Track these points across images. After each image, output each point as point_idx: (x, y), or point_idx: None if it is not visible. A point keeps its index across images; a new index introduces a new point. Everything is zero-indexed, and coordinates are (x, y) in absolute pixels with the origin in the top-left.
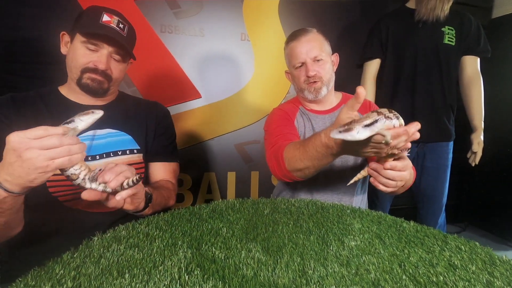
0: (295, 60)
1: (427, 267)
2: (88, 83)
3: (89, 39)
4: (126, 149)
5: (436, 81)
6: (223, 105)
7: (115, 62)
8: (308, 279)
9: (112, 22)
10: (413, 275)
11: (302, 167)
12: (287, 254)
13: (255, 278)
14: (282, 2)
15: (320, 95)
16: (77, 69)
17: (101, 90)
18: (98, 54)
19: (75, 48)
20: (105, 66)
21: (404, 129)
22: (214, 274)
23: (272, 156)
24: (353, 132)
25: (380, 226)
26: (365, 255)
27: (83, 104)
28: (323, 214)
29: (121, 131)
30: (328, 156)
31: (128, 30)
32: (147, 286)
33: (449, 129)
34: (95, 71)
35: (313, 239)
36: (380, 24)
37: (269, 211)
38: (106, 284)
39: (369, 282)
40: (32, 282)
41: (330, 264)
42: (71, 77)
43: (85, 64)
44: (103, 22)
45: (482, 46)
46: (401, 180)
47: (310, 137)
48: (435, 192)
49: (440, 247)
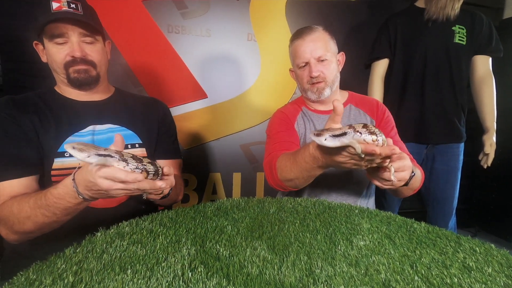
0: (299, 60)
1: (440, 269)
2: (77, 77)
3: (52, 34)
4: (128, 143)
5: (446, 81)
6: (229, 106)
7: (89, 46)
8: (315, 278)
9: (63, 6)
10: (425, 276)
11: (292, 177)
12: (294, 253)
13: (260, 276)
14: (289, 2)
15: (323, 95)
16: (60, 69)
17: (91, 78)
18: (69, 45)
19: (48, 50)
20: (80, 53)
21: (373, 148)
22: (218, 271)
23: (267, 164)
24: (321, 138)
25: (389, 227)
26: (375, 255)
27: (81, 101)
28: (330, 213)
29: (121, 126)
30: (315, 168)
31: (83, 8)
32: (149, 282)
33: (459, 129)
34: (75, 62)
35: (320, 238)
36: (388, 24)
37: (275, 210)
38: (108, 279)
39: (379, 283)
40: (33, 276)
41: (338, 263)
42: (61, 79)
43: (63, 60)
44: (54, 11)
45: (494, 45)
46: (399, 180)
47: (301, 148)
48: (446, 195)
49: (453, 248)
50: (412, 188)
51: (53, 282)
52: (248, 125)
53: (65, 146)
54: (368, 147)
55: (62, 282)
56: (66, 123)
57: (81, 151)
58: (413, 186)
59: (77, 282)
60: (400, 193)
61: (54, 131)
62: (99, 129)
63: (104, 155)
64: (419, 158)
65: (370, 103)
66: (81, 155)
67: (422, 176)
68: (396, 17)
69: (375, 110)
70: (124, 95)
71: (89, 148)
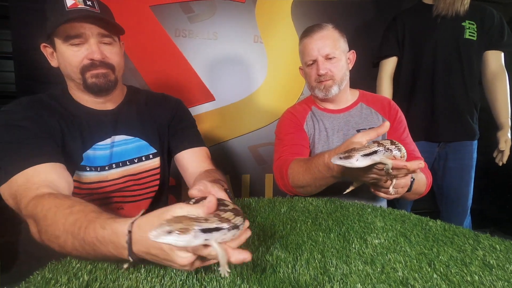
0: (307, 57)
1: (460, 266)
2: (95, 82)
3: (67, 34)
4: (142, 155)
5: (457, 77)
6: (237, 107)
7: (107, 47)
8: (330, 276)
9: (78, 3)
10: (444, 274)
11: (304, 184)
12: (307, 251)
13: (275, 274)
14: (295, 3)
15: (330, 93)
16: (76, 74)
17: (110, 83)
18: (86, 46)
19: (61, 53)
20: (100, 55)
21: (404, 164)
22: (232, 270)
23: (278, 168)
24: (352, 160)
25: (404, 225)
26: (390, 253)
27: (97, 109)
28: (343, 212)
29: (135, 136)
30: (328, 177)
31: (99, 5)
32: (163, 280)
33: (472, 127)
34: (94, 66)
35: (334, 236)
36: (396, 21)
37: (286, 209)
38: (122, 278)
39: (396, 281)
40: (49, 275)
41: (353, 261)
42: (75, 85)
43: (79, 63)
44: (69, 8)
45: (506, 39)
46: (401, 187)
47: (315, 156)
48: (459, 193)
49: (472, 246)
50: (417, 192)
51: (69, 280)
52: (256, 126)
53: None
54: (399, 163)
55: (78, 281)
56: (88, 133)
57: (183, 233)
58: (417, 191)
59: (92, 281)
60: (406, 198)
61: (79, 142)
62: (118, 140)
63: (210, 229)
64: (431, 157)
65: (382, 102)
66: (186, 238)
67: (428, 181)
68: (403, 15)
69: (387, 110)
70: (134, 98)
71: (188, 223)
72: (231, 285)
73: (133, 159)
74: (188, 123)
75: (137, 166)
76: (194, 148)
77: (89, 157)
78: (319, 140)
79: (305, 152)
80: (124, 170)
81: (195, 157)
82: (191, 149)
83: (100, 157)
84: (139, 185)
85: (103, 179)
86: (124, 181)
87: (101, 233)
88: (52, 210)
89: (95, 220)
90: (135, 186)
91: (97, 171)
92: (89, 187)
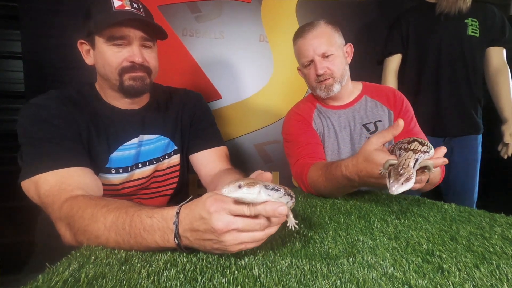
0: (303, 58)
1: (481, 240)
2: (132, 85)
3: (112, 35)
4: (165, 153)
5: (461, 73)
6: (243, 106)
7: (147, 51)
8: (359, 249)
9: (126, 4)
10: (467, 246)
11: (327, 192)
12: (332, 230)
13: (305, 249)
14: (300, 3)
15: (332, 92)
16: (114, 74)
17: (146, 87)
18: (128, 48)
19: (101, 53)
20: (141, 59)
21: (444, 160)
22: (263, 245)
23: (298, 176)
24: (412, 179)
25: (420, 208)
26: (412, 230)
27: (121, 109)
28: (359, 198)
29: (160, 135)
30: (349, 187)
31: (143, 8)
32: (199, 254)
33: (477, 121)
34: (134, 68)
35: (354, 218)
36: (400, 20)
37: (302, 197)
38: (159, 253)
39: (423, 252)
40: (87, 252)
41: (378, 238)
42: (110, 85)
43: (120, 64)
44: (116, 9)
45: (507, 36)
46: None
47: (331, 167)
48: (465, 188)
49: (488, 224)
50: (432, 183)
51: (107, 256)
52: (262, 124)
53: (226, 189)
54: (439, 161)
55: (115, 256)
56: (114, 135)
57: (252, 187)
58: (433, 181)
59: (130, 257)
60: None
61: (105, 144)
62: (145, 140)
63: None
64: None
65: (387, 93)
66: (255, 190)
67: (442, 171)
68: (408, 13)
69: (392, 101)
70: (157, 96)
71: (254, 181)
72: (264, 257)
73: (159, 157)
74: (208, 122)
75: (160, 164)
76: (214, 148)
77: (115, 159)
78: (328, 137)
79: (319, 149)
80: (148, 169)
81: (214, 157)
82: (211, 149)
83: (125, 158)
84: (159, 183)
85: (128, 179)
86: (147, 180)
87: (149, 222)
88: (89, 210)
89: (138, 213)
90: (154, 184)
91: (120, 173)
92: (112, 188)
